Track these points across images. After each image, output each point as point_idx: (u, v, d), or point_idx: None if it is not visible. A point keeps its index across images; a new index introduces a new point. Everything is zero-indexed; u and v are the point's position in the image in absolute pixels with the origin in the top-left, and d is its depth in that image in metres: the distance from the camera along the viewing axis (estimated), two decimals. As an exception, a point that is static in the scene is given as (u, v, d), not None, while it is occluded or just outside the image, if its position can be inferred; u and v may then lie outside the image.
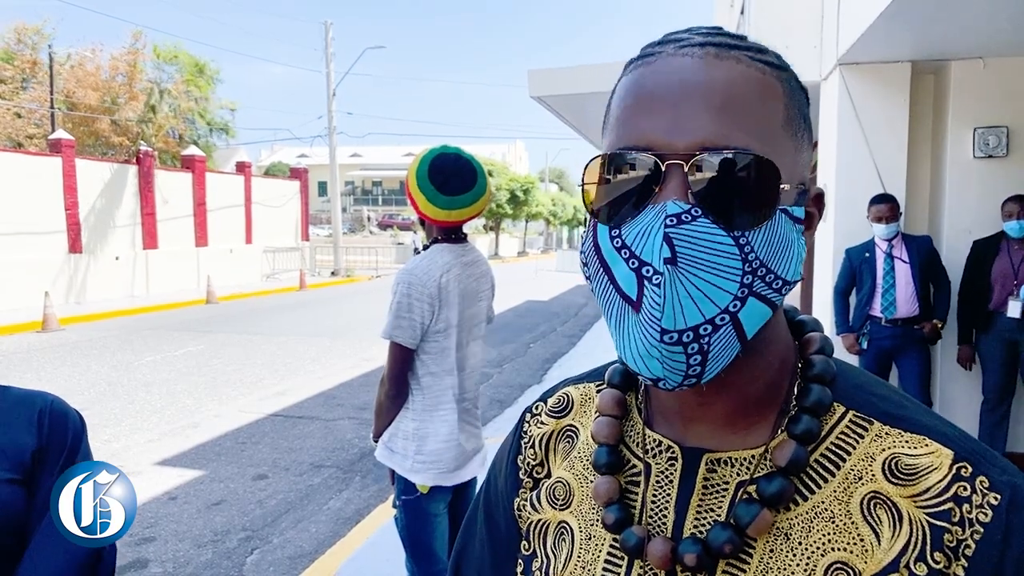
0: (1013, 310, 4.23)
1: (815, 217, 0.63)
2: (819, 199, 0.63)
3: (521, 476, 0.75)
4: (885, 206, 4.39)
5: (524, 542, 0.72)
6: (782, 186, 0.55)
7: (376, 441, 2.48)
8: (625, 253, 0.55)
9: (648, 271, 0.54)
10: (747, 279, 0.54)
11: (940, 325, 4.48)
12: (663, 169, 0.55)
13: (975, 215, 4.56)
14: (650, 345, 0.54)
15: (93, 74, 24.13)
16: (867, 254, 4.52)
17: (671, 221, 0.53)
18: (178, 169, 20.51)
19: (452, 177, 2.30)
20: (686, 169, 0.54)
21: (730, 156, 0.54)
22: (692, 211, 0.53)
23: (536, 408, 0.78)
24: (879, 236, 4.43)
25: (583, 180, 0.60)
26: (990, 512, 0.53)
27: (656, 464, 0.64)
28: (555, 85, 6.85)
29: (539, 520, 0.71)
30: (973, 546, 0.53)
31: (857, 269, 4.56)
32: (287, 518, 4.55)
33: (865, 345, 4.55)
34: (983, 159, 4.55)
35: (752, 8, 5.25)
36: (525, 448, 0.76)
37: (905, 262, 4.43)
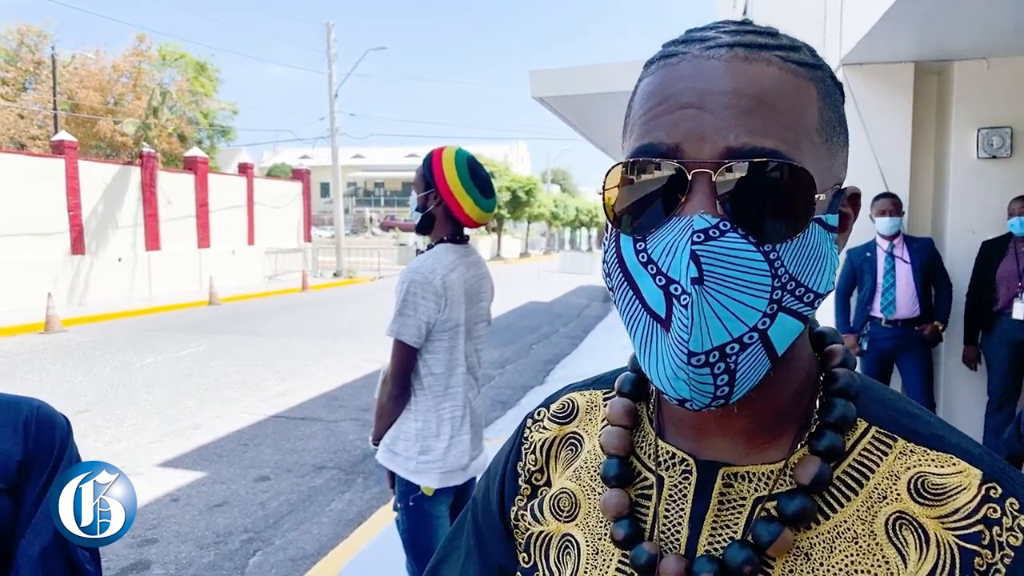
0: (1018, 311, 4.22)
1: (850, 218, 0.61)
2: (855, 199, 0.61)
3: (520, 483, 0.72)
4: (888, 200, 4.39)
5: (523, 554, 0.69)
6: (817, 196, 0.52)
7: (376, 444, 2.47)
8: (652, 269, 0.53)
9: (676, 289, 0.51)
10: (776, 295, 0.52)
11: (941, 327, 4.47)
12: (689, 178, 0.52)
13: (979, 216, 4.54)
14: (678, 367, 0.52)
15: (96, 75, 24.19)
16: (868, 254, 4.51)
17: (698, 237, 0.50)
18: (180, 171, 20.55)
19: (486, 181, 2.39)
20: (714, 178, 0.51)
21: (761, 163, 0.51)
22: (720, 225, 0.51)
23: (538, 414, 0.75)
24: (882, 231, 4.41)
25: (604, 186, 0.57)
26: (1021, 536, 0.51)
27: (669, 477, 0.61)
28: (557, 86, 6.86)
29: (541, 532, 0.68)
30: (1003, 570, 0.51)
31: (858, 269, 4.55)
32: (289, 520, 4.55)
33: (865, 346, 4.54)
34: (987, 160, 4.53)
35: (754, 8, 5.25)
36: (526, 454, 0.72)
37: (906, 262, 4.41)
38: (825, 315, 4.88)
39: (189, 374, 8.79)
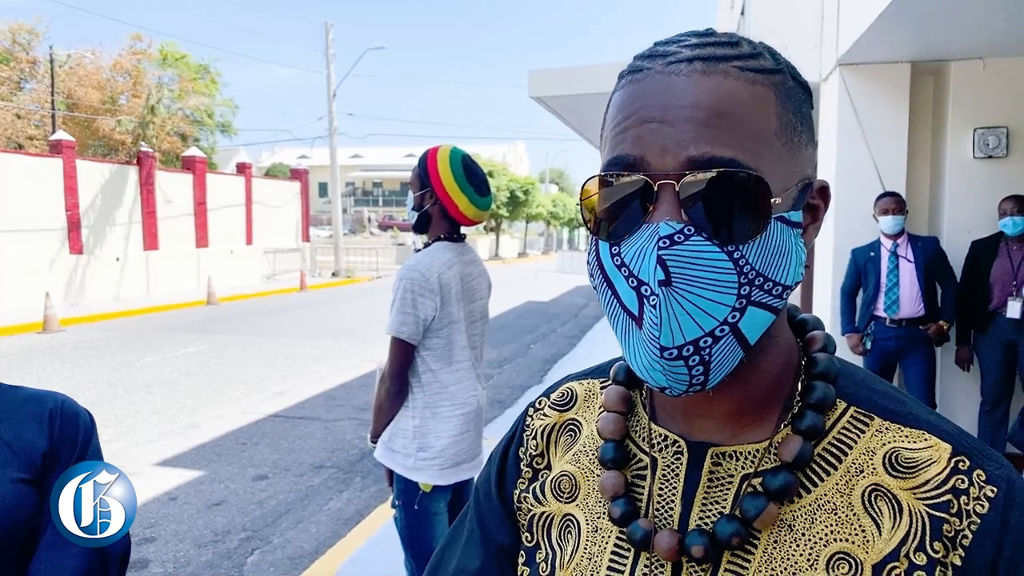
0: (1013, 311, 4.23)
1: (820, 208, 0.65)
2: (823, 191, 0.65)
3: (522, 467, 0.76)
4: (891, 199, 4.39)
5: (526, 534, 0.73)
6: (773, 200, 0.56)
7: (374, 441, 2.48)
8: (625, 271, 0.57)
9: (646, 290, 0.55)
10: (744, 290, 0.56)
11: (946, 326, 4.47)
12: (655, 188, 0.56)
13: (975, 215, 4.56)
14: (652, 360, 0.56)
15: (94, 74, 24.13)
16: (872, 253, 4.50)
17: (664, 243, 0.54)
18: (179, 170, 20.52)
19: (482, 180, 2.41)
20: (677, 188, 0.55)
21: (720, 173, 0.54)
22: (685, 230, 0.55)
23: (539, 403, 0.80)
24: (886, 230, 4.40)
25: (580, 199, 0.62)
26: (987, 504, 0.55)
27: (662, 458, 0.66)
28: (555, 86, 6.86)
29: (543, 512, 0.72)
30: (970, 536, 0.55)
31: (862, 269, 4.55)
32: (287, 518, 4.55)
33: (869, 345, 4.54)
34: (983, 159, 4.55)
35: (752, 9, 5.26)
36: (527, 440, 0.77)
37: (910, 261, 4.41)
38: (826, 315, 4.89)
39: (187, 374, 8.79)
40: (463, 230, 2.51)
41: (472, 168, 2.40)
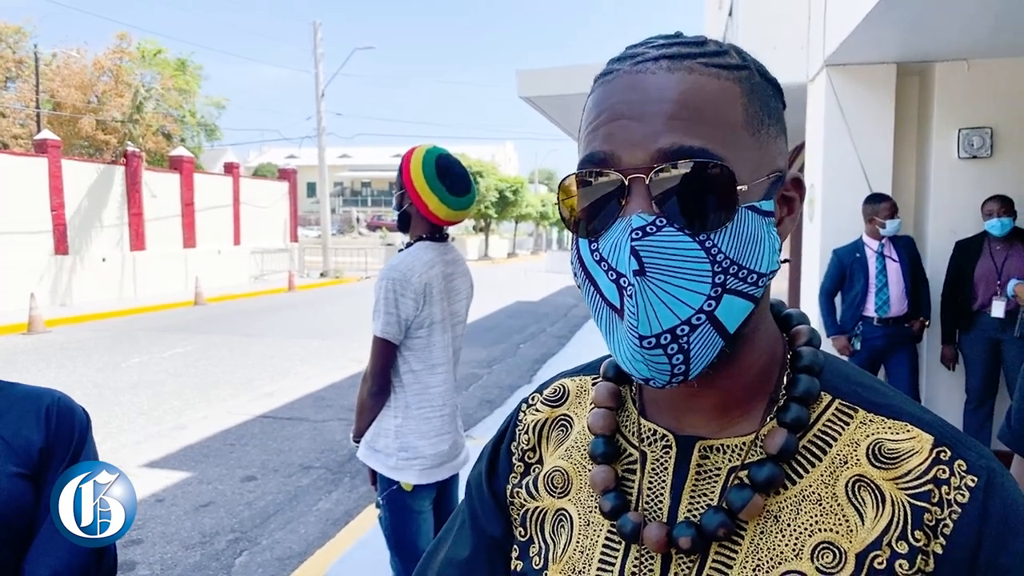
0: (997, 310, 4.27)
1: (796, 201, 0.66)
2: (798, 184, 0.66)
3: (514, 461, 0.78)
4: (891, 202, 4.41)
5: (519, 528, 0.75)
6: (739, 188, 0.57)
7: (357, 441, 2.49)
8: (604, 265, 0.59)
9: (624, 282, 0.57)
10: (719, 279, 0.57)
11: (927, 323, 4.53)
12: (626, 182, 0.58)
13: (960, 215, 4.60)
14: (634, 350, 0.58)
15: (78, 73, 23.92)
16: (857, 254, 4.53)
17: (636, 235, 0.56)
18: (166, 170, 20.37)
19: (458, 179, 2.36)
20: (647, 181, 0.57)
21: (687, 164, 0.56)
22: (656, 222, 0.56)
23: (532, 398, 0.81)
24: (891, 233, 4.41)
25: (559, 198, 0.64)
26: (967, 493, 0.57)
27: (652, 452, 0.67)
28: (544, 86, 6.87)
29: (536, 507, 0.73)
30: (951, 525, 0.56)
31: (848, 269, 4.56)
32: (276, 519, 4.54)
33: (858, 346, 4.55)
34: (968, 160, 4.59)
35: (739, 10, 5.28)
36: (519, 435, 0.78)
37: (895, 261, 4.45)
38: (813, 315, 4.92)
39: (175, 374, 8.74)
40: (449, 230, 2.50)
41: (447, 168, 2.35)
